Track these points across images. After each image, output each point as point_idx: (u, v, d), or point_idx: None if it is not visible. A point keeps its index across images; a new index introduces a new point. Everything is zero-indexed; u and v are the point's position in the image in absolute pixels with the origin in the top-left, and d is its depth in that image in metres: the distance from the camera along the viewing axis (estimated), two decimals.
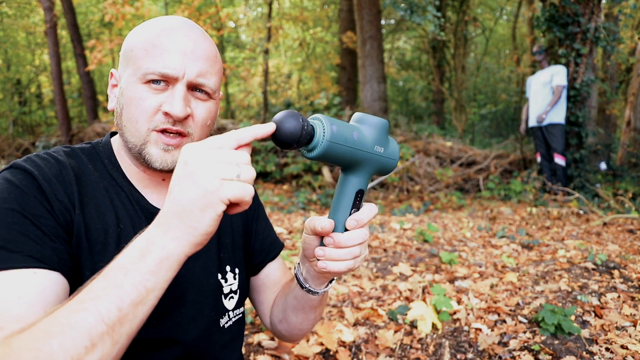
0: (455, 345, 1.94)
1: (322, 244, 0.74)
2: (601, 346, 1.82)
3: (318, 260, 0.73)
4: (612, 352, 1.77)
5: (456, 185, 6.66)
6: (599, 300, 2.22)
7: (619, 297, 2.24)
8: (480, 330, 2.03)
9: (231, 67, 10.82)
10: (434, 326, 2.05)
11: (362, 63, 8.01)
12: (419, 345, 1.95)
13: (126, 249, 0.58)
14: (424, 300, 2.30)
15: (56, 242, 0.69)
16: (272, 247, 1.04)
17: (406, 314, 2.14)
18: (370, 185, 6.12)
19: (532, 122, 5.66)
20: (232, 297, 0.93)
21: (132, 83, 0.76)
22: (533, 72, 8.16)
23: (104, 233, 0.76)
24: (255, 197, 1.02)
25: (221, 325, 0.90)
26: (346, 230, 0.72)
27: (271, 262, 1.02)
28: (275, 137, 0.61)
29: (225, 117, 12.42)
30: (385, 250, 3.11)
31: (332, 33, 14.11)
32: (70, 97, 13.84)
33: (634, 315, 2.06)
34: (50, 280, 0.65)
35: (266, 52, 10.21)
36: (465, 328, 2.05)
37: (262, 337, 1.94)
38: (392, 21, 14.09)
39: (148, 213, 0.82)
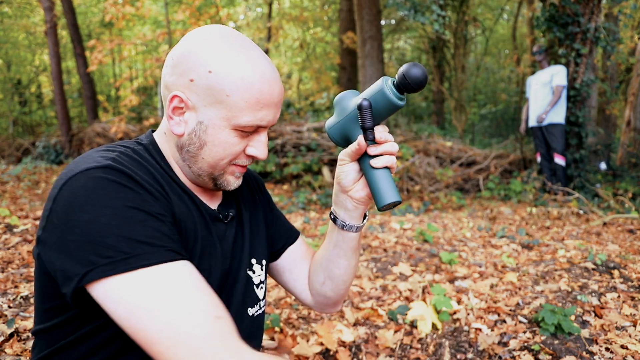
0: (455, 345, 1.94)
1: (365, 160, 0.85)
2: (601, 346, 1.82)
3: (373, 164, 0.82)
4: (612, 352, 1.77)
5: (456, 185, 6.66)
6: (599, 300, 2.22)
7: (618, 297, 2.24)
8: (480, 330, 2.03)
9: None
10: (434, 326, 2.05)
11: (362, 63, 8.01)
12: (419, 345, 1.95)
13: None
14: (424, 300, 2.30)
15: (177, 235, 0.73)
16: (290, 232, 1.09)
17: (406, 314, 2.15)
18: None
19: (532, 122, 5.66)
20: (261, 287, 0.98)
21: (221, 127, 0.78)
22: (533, 72, 8.16)
23: (194, 229, 0.80)
24: (265, 190, 1.09)
25: (250, 314, 0.94)
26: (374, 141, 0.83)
27: (292, 245, 1.08)
28: (414, 78, 0.74)
29: None
30: (385, 250, 3.11)
31: (332, 33, 14.11)
32: (70, 97, 13.85)
33: (634, 315, 2.07)
34: (194, 269, 0.70)
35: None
36: (465, 328, 2.05)
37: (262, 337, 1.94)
38: (392, 21, 14.08)
39: (210, 215, 0.86)
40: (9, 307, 1.88)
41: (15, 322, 1.71)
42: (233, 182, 0.85)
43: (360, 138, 0.82)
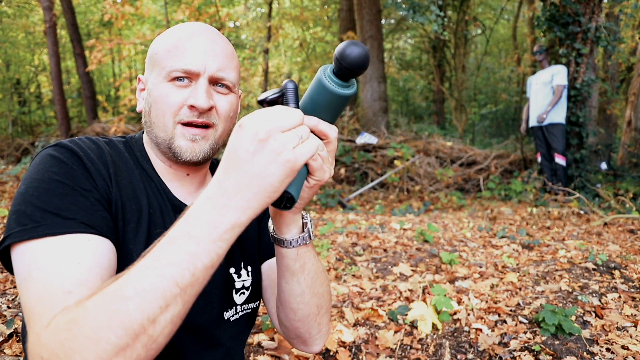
0: (455, 345, 1.93)
1: None
2: (602, 346, 1.81)
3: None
4: (612, 352, 1.77)
5: (456, 185, 6.66)
6: (600, 300, 2.21)
7: (619, 297, 2.23)
8: (480, 330, 2.02)
9: None
10: (434, 326, 2.05)
11: None
12: (419, 346, 1.95)
13: (186, 219, 0.59)
14: (424, 300, 2.29)
15: (103, 212, 0.74)
16: (270, 246, 0.98)
17: (406, 314, 2.14)
18: (369, 185, 6.11)
19: (533, 122, 5.65)
20: (243, 293, 0.95)
21: (157, 83, 0.82)
22: (533, 72, 8.15)
23: (138, 214, 0.80)
24: None
25: (226, 318, 0.92)
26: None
27: (269, 259, 0.98)
28: (351, 60, 0.59)
29: None
30: (385, 250, 3.10)
31: (332, 33, 14.10)
32: (69, 97, 13.84)
33: (635, 315, 2.06)
34: (102, 247, 0.70)
35: (266, 52, 10.20)
36: (466, 328, 2.05)
37: (262, 338, 1.94)
38: (392, 21, 14.08)
39: (174, 205, 0.87)
40: (8, 307, 1.87)
41: (15, 323, 1.70)
42: (186, 147, 0.81)
43: None
